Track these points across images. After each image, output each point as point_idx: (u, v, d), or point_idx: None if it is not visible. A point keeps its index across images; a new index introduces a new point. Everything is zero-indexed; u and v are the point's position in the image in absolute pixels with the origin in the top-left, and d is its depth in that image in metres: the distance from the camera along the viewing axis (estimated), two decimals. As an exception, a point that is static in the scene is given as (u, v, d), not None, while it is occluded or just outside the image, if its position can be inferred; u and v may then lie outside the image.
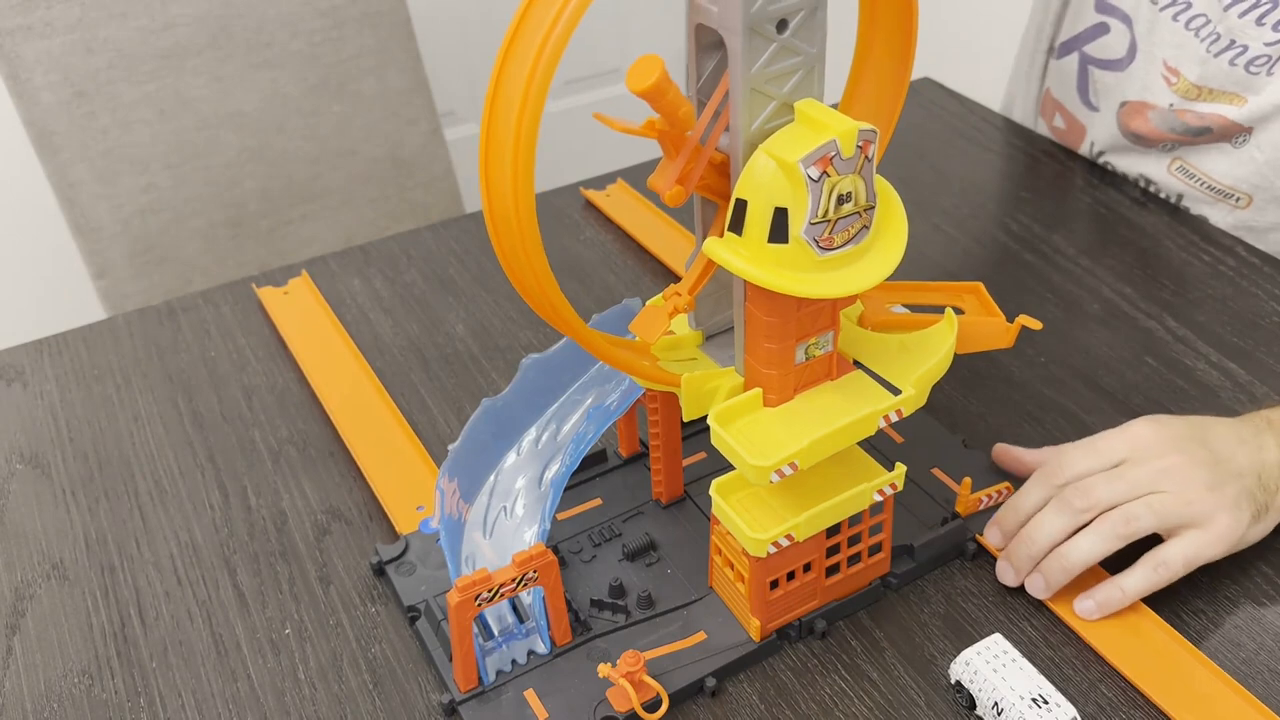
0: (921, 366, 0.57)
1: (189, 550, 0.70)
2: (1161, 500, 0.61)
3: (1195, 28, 0.90)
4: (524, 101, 0.45)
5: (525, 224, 0.48)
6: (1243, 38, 0.88)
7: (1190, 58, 0.91)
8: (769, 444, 0.54)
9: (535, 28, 0.45)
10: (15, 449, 0.78)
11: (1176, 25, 0.92)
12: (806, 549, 0.59)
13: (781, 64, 0.50)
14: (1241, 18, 0.87)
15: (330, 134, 1.30)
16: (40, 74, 1.13)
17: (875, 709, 0.59)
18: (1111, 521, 0.61)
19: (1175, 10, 0.91)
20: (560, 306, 0.51)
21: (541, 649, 0.61)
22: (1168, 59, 0.93)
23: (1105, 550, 0.61)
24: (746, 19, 0.48)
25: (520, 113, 0.45)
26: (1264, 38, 0.86)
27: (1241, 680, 0.59)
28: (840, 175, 0.49)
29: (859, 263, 0.52)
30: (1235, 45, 0.88)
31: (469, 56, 1.83)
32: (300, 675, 0.62)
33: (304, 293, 0.91)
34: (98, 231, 1.21)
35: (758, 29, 0.48)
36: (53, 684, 0.62)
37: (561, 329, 0.53)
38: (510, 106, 0.45)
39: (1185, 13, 0.91)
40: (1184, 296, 0.88)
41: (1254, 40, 0.87)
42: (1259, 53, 0.87)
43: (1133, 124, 0.97)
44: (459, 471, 0.64)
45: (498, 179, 0.47)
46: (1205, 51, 0.90)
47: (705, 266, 0.55)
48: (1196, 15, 0.90)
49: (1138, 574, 0.62)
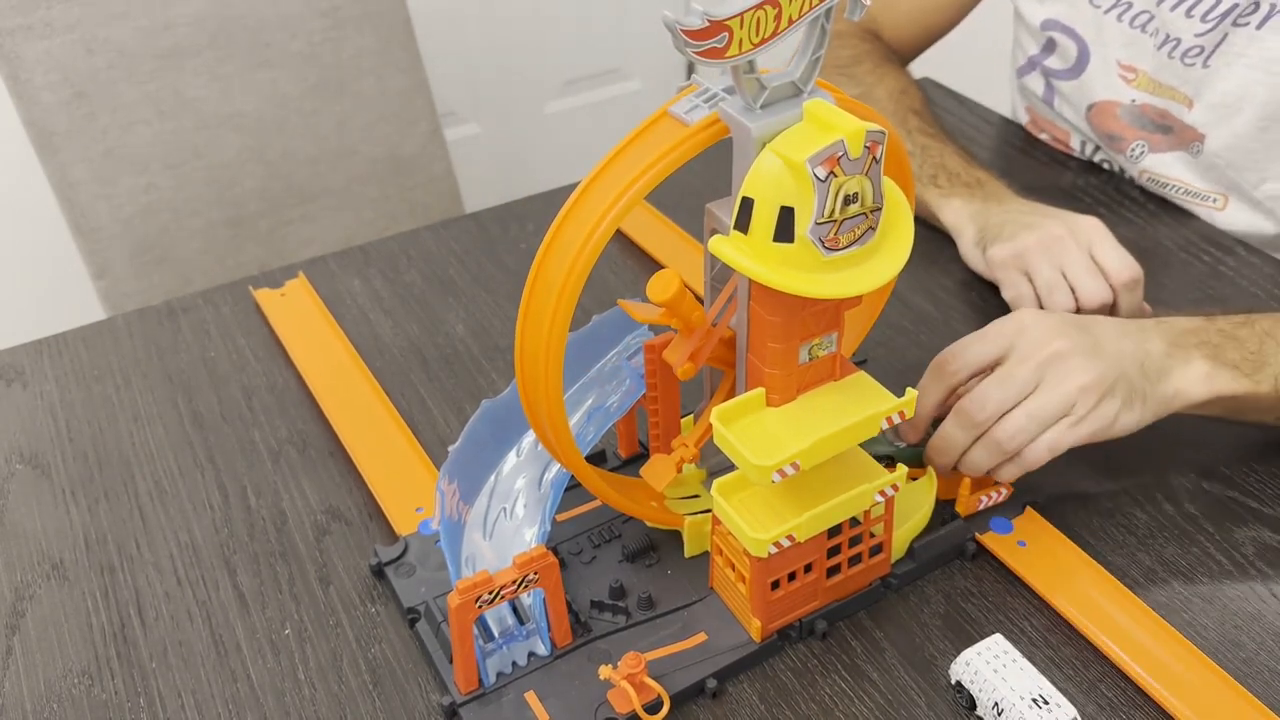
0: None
1: (189, 550, 0.70)
2: (1040, 405, 0.64)
3: (1140, 24, 0.92)
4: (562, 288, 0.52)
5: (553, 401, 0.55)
6: (1175, 30, 0.89)
7: (1142, 53, 0.93)
8: (771, 444, 0.54)
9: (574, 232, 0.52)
10: (15, 449, 0.78)
11: (1122, 25, 0.93)
12: (807, 549, 0.59)
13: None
14: (1173, 10, 0.88)
15: (330, 134, 1.30)
16: (40, 74, 1.13)
17: (875, 709, 0.59)
18: (998, 440, 0.64)
19: (1118, 11, 0.93)
20: (571, 455, 0.58)
21: (542, 651, 0.61)
22: (1120, 58, 0.94)
23: (994, 463, 0.65)
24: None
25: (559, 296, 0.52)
26: (1193, 29, 0.88)
27: (1241, 680, 0.59)
28: (847, 176, 0.49)
29: (865, 264, 0.52)
30: (1170, 39, 0.89)
31: (469, 56, 1.83)
32: (300, 676, 0.62)
33: (301, 295, 0.91)
34: (98, 231, 1.21)
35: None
36: (53, 684, 0.62)
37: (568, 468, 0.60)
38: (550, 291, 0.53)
39: (1128, 12, 0.92)
40: (1183, 296, 0.88)
41: (1185, 32, 0.88)
42: (1190, 44, 0.88)
43: (1105, 125, 0.99)
44: (459, 473, 0.64)
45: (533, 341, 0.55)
46: (1153, 47, 0.92)
47: (707, 429, 0.60)
48: (1140, 13, 0.92)
49: None
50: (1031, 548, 0.67)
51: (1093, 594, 0.64)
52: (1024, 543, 0.67)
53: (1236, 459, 0.73)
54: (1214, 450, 0.74)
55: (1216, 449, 0.74)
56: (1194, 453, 0.74)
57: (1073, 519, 0.69)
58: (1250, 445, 0.74)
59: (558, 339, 0.53)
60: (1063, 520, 0.69)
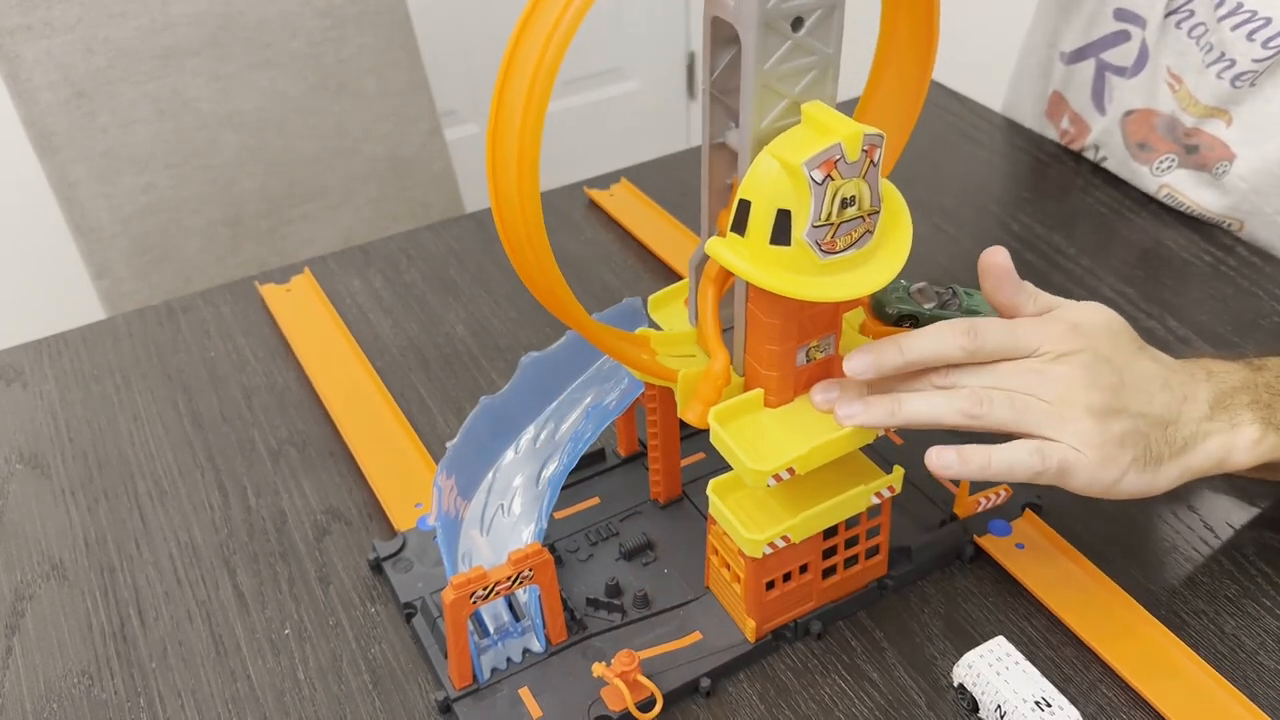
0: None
1: (188, 550, 0.70)
2: (1026, 402, 0.55)
3: (1196, 35, 0.89)
4: (529, 95, 0.45)
5: (530, 214, 0.48)
6: (1232, 51, 0.87)
7: (1190, 66, 0.91)
8: (768, 448, 0.54)
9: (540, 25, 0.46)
10: (15, 449, 0.78)
11: (1180, 32, 0.91)
12: (803, 550, 0.59)
13: (795, 62, 0.50)
14: (1234, 30, 0.86)
15: (330, 134, 1.30)
16: (40, 74, 1.13)
17: (876, 709, 0.59)
18: (964, 396, 0.55)
19: (1179, 18, 0.91)
20: (564, 297, 0.52)
21: (537, 647, 0.61)
22: (1171, 65, 0.92)
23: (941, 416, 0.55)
24: (762, 14, 0.48)
25: (526, 106, 0.46)
26: (1252, 54, 0.85)
27: (1241, 681, 0.59)
28: (844, 179, 0.49)
29: (862, 267, 0.52)
30: (1224, 58, 0.87)
31: (469, 56, 1.83)
32: (300, 675, 0.62)
33: (306, 290, 0.91)
34: (98, 231, 1.21)
35: (772, 25, 0.48)
36: (52, 684, 0.62)
37: (564, 319, 0.53)
38: (516, 99, 0.46)
39: (1188, 20, 0.90)
40: (1185, 296, 0.88)
41: (1242, 55, 0.86)
42: (1245, 68, 0.86)
43: (1137, 134, 0.97)
44: (457, 468, 0.64)
45: (504, 170, 0.48)
46: (1201, 61, 0.89)
47: None
48: (1198, 24, 0.89)
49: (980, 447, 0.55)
50: (1030, 550, 0.67)
51: (1091, 596, 0.64)
52: (1022, 545, 0.67)
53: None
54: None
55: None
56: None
57: (1071, 521, 0.69)
58: (1249, 445, 0.74)
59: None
60: (1061, 523, 0.68)
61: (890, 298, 0.61)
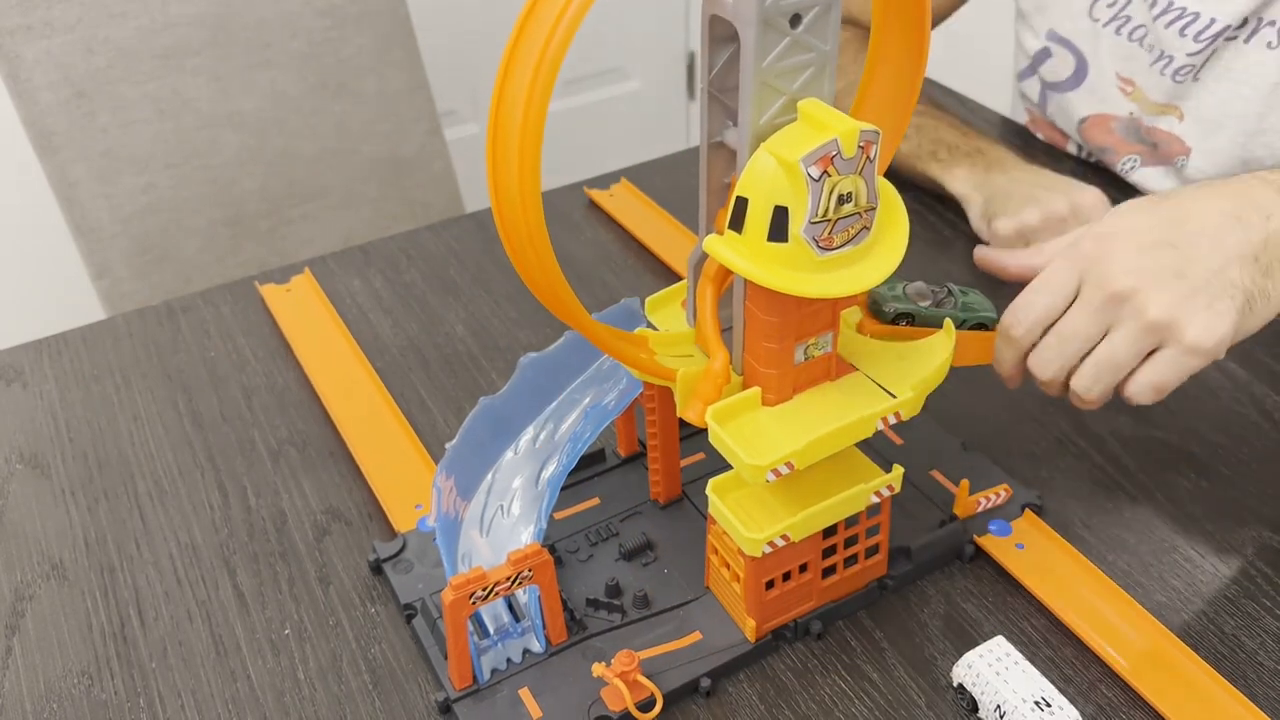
0: (919, 373, 0.57)
1: (188, 550, 0.70)
2: (1108, 354, 0.59)
3: (1138, 38, 0.92)
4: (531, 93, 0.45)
5: (532, 213, 0.48)
6: (1169, 48, 0.89)
7: (1138, 68, 0.93)
8: (766, 443, 0.54)
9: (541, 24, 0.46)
10: (15, 449, 0.78)
11: (1120, 38, 0.93)
12: (803, 550, 0.59)
13: (793, 59, 0.50)
14: (1167, 28, 0.88)
15: (330, 134, 1.30)
16: (40, 74, 1.13)
17: (875, 709, 0.59)
18: (1077, 393, 0.61)
19: (1116, 25, 0.93)
20: (565, 297, 0.51)
21: (537, 648, 0.61)
22: (1120, 70, 0.94)
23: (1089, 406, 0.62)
24: (760, 11, 0.48)
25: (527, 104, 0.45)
26: (1186, 48, 0.87)
27: (1241, 681, 0.59)
28: (841, 175, 0.49)
29: (859, 264, 0.52)
30: (1164, 56, 0.89)
31: (469, 56, 1.83)
32: (300, 676, 0.62)
33: (306, 290, 0.91)
34: (98, 231, 1.21)
35: (771, 22, 0.49)
36: (52, 684, 0.62)
37: (565, 319, 0.53)
38: (517, 98, 0.46)
39: (1126, 25, 0.92)
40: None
41: (1178, 51, 0.88)
42: (1183, 63, 0.88)
43: (1096, 138, 0.99)
44: (456, 469, 0.64)
45: (505, 169, 0.47)
46: (1146, 61, 0.92)
47: None
48: (1137, 26, 0.91)
49: None
50: (1030, 550, 0.67)
51: (1091, 597, 0.64)
52: (1022, 545, 0.67)
53: (1236, 459, 0.73)
54: (1213, 450, 0.74)
55: (1216, 449, 0.74)
56: (1193, 452, 0.74)
57: (1071, 521, 0.69)
58: (1251, 445, 0.74)
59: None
60: (1061, 523, 0.69)
61: (887, 297, 0.62)
